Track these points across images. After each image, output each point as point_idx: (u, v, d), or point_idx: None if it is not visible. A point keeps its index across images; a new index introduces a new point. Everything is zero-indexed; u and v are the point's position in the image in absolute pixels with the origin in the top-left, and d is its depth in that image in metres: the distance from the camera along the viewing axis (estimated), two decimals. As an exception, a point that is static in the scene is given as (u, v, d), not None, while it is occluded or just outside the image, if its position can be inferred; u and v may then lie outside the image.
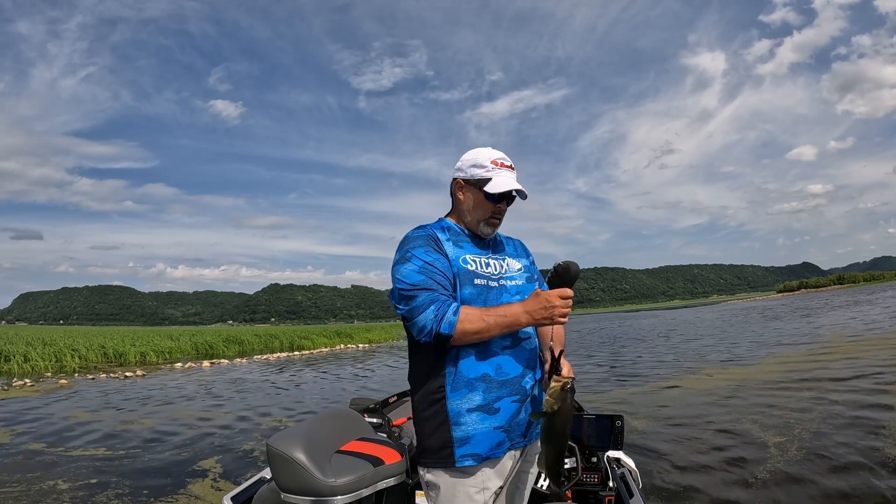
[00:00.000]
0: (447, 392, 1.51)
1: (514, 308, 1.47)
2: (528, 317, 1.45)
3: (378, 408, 2.81)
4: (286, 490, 1.74)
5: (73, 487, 4.76)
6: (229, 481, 4.83)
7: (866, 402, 6.26)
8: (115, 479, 5.00)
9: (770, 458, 4.59)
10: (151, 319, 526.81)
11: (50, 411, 8.91)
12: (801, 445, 4.88)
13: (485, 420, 1.50)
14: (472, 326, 1.45)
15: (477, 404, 1.50)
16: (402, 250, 1.57)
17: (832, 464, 4.33)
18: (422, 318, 1.45)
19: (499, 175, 1.61)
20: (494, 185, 1.59)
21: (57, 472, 5.22)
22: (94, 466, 5.44)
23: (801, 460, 4.48)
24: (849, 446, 4.71)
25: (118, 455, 5.90)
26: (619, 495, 2.37)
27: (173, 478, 5.03)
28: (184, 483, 4.85)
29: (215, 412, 8.61)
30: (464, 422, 1.50)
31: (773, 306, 48.62)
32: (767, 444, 5.00)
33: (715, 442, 5.28)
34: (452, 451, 1.49)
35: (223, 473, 5.15)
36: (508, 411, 1.52)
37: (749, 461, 4.57)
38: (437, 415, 1.52)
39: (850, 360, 9.68)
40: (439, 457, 1.51)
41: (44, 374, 15.16)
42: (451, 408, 1.50)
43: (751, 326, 23.38)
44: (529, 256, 1.82)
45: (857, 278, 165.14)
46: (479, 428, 1.49)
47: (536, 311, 1.44)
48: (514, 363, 1.55)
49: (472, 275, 1.58)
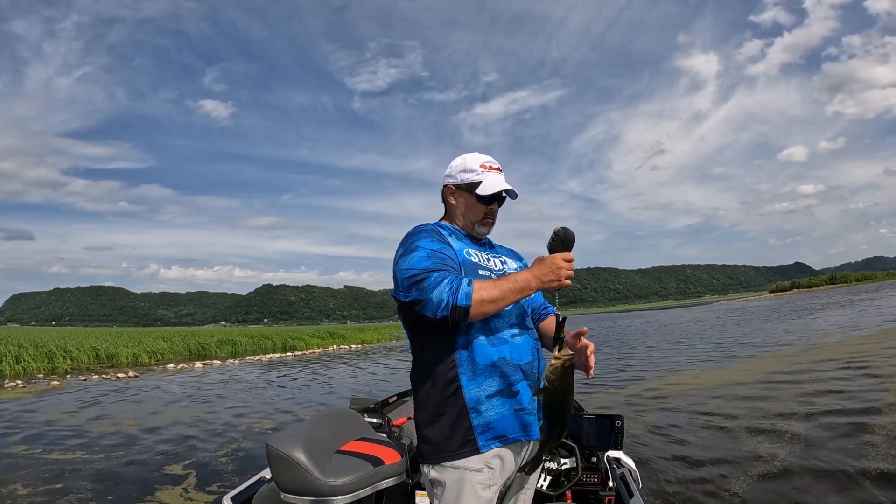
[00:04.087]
0: (462, 382, 1.51)
1: (523, 274, 1.48)
2: (538, 281, 1.46)
3: (378, 408, 2.81)
4: (286, 490, 1.74)
5: (33, 493, 4.54)
6: (202, 491, 4.56)
7: (859, 401, 6.30)
8: (82, 483, 4.80)
9: (769, 458, 4.61)
10: (144, 320, 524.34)
11: (38, 413, 8.82)
12: (800, 445, 4.90)
13: (506, 403, 1.51)
14: (488, 294, 1.44)
15: (496, 389, 1.50)
16: (406, 244, 1.57)
17: (830, 463, 4.35)
18: (437, 292, 1.42)
19: (488, 177, 1.65)
20: (485, 186, 1.64)
21: (21, 475, 5.03)
22: (63, 469, 5.23)
23: (799, 459, 4.50)
24: (844, 445, 4.74)
25: (94, 458, 5.71)
26: (619, 495, 2.37)
27: (143, 483, 4.79)
28: (152, 489, 4.60)
29: (205, 414, 8.55)
30: (484, 408, 1.49)
31: (765, 306, 48.93)
32: (766, 444, 5.03)
33: (714, 442, 5.29)
34: (475, 439, 1.48)
35: (200, 478, 4.89)
36: (526, 394, 1.53)
37: (748, 461, 4.59)
38: (453, 407, 1.50)
39: (844, 360, 9.75)
40: (455, 449, 1.49)
41: (36, 376, 15.02)
42: (469, 396, 1.50)
43: (743, 326, 23.52)
44: (523, 260, 1.87)
45: (849, 278, 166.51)
46: (503, 411, 1.50)
47: (545, 274, 1.45)
48: (525, 349, 1.57)
49: (476, 266, 1.61)
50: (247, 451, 5.99)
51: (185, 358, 21.31)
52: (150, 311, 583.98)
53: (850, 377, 7.95)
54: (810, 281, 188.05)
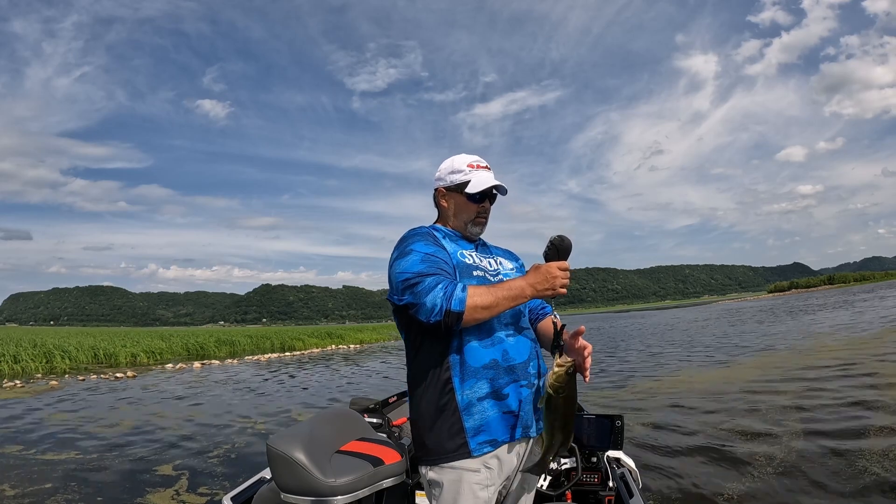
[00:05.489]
0: (455, 384, 1.52)
1: (518, 282, 1.49)
2: (532, 289, 1.47)
3: (378, 408, 2.80)
4: (286, 490, 1.74)
5: (21, 493, 4.50)
6: (194, 493, 4.52)
7: (858, 401, 6.32)
8: (71, 483, 4.77)
9: (768, 459, 4.62)
10: (142, 320, 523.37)
11: (35, 412, 8.81)
12: (798, 446, 4.92)
13: (495, 406, 1.51)
14: (482, 301, 1.44)
15: (486, 392, 1.51)
16: (400, 248, 1.57)
17: (829, 464, 4.37)
18: (430, 297, 1.43)
19: (476, 176, 1.67)
20: (473, 185, 1.66)
21: (10, 476, 5.01)
22: (54, 470, 5.21)
23: (797, 460, 4.52)
24: (844, 446, 4.76)
25: (87, 458, 5.68)
26: (619, 495, 2.37)
27: (133, 484, 4.75)
28: (142, 491, 4.56)
29: (203, 414, 8.55)
30: (475, 411, 1.50)
31: (764, 307, 48.98)
32: (765, 445, 5.04)
33: (714, 442, 5.30)
34: (467, 442, 1.49)
35: (195, 480, 4.86)
36: (517, 396, 1.53)
37: (747, 461, 4.60)
38: (447, 409, 1.51)
39: (843, 360, 9.77)
40: (450, 451, 1.50)
41: (34, 376, 15.00)
42: (462, 399, 1.51)
43: (742, 327, 23.55)
44: (519, 260, 1.87)
45: (847, 279, 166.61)
46: (491, 414, 1.51)
47: (539, 282, 1.46)
48: (520, 350, 1.57)
49: (470, 267, 1.61)
50: (245, 451, 5.98)
51: (184, 358, 21.30)
52: (148, 310, 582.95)
53: (849, 378, 7.96)
54: (809, 281, 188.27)
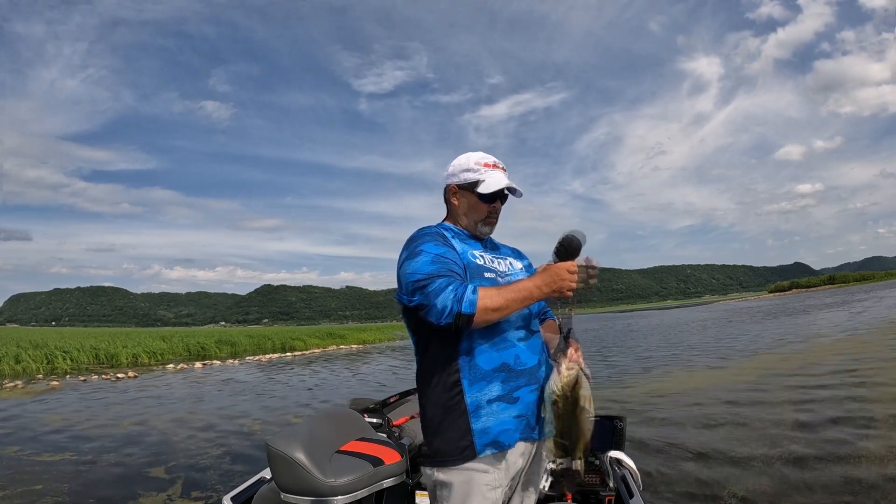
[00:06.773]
0: (464, 386, 1.51)
1: (527, 283, 1.49)
2: (540, 291, 1.47)
3: (378, 408, 2.79)
4: (286, 490, 1.74)
5: (10, 495, 4.46)
6: (188, 497, 4.43)
7: (857, 402, 6.31)
8: (63, 485, 4.70)
9: (769, 459, 4.61)
10: (144, 321, 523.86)
11: (35, 413, 8.80)
12: (799, 446, 4.90)
13: (505, 409, 1.51)
14: (492, 303, 1.43)
15: (497, 395, 1.50)
16: (410, 248, 1.55)
17: (829, 464, 4.36)
18: (441, 299, 1.41)
19: (490, 175, 1.64)
20: (487, 185, 1.63)
21: (3, 477, 4.96)
22: (48, 471, 5.15)
23: (798, 460, 4.50)
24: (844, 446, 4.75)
25: (82, 459, 5.62)
26: (620, 495, 2.36)
27: (134, 484, 4.69)
28: (135, 493, 4.48)
29: (204, 414, 8.53)
30: (484, 413, 1.49)
31: (765, 306, 48.92)
32: (765, 446, 5.02)
33: (715, 443, 5.28)
34: (473, 444, 1.48)
35: (194, 480, 4.79)
36: (526, 399, 1.53)
37: (748, 462, 4.59)
38: (455, 410, 1.51)
39: (840, 359, 9.75)
40: (457, 452, 1.49)
41: (35, 376, 15.01)
42: (470, 401, 1.50)
43: (743, 326, 23.51)
44: (526, 259, 1.85)
45: (848, 278, 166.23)
46: (501, 417, 1.50)
47: (548, 283, 1.46)
48: (531, 353, 1.57)
49: (481, 268, 1.59)
50: (245, 451, 5.97)
51: (185, 358, 21.27)
52: (149, 311, 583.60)
53: (849, 377, 7.95)
54: (809, 281, 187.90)
